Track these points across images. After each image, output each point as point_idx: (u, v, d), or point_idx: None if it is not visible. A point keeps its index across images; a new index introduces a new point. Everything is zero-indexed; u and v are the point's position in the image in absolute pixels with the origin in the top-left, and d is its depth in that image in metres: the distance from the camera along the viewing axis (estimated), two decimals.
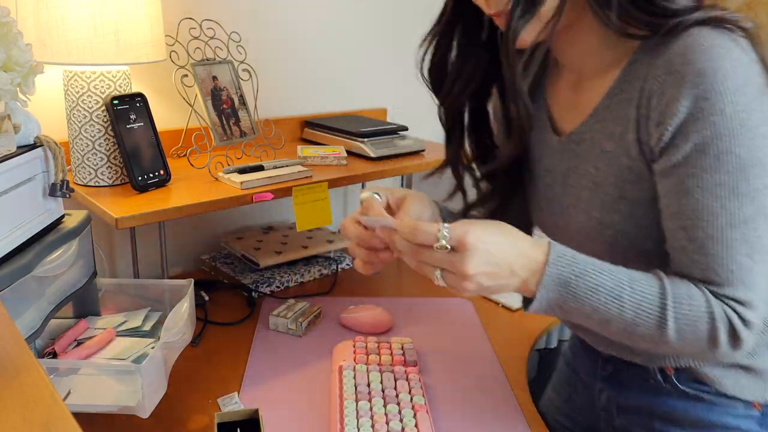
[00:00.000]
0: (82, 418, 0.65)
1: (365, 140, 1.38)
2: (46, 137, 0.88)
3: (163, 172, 1.14)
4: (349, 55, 1.63)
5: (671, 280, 0.70)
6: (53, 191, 0.89)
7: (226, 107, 1.26)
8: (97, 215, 1.03)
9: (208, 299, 1.28)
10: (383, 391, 0.93)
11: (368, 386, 0.95)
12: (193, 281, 1.01)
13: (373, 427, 0.85)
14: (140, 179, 1.10)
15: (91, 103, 1.10)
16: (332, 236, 1.52)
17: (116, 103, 1.09)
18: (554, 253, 0.69)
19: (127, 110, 1.11)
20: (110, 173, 1.14)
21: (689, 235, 0.69)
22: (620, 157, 0.75)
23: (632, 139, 0.74)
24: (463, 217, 0.94)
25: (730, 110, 0.65)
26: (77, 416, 0.45)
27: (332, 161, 1.31)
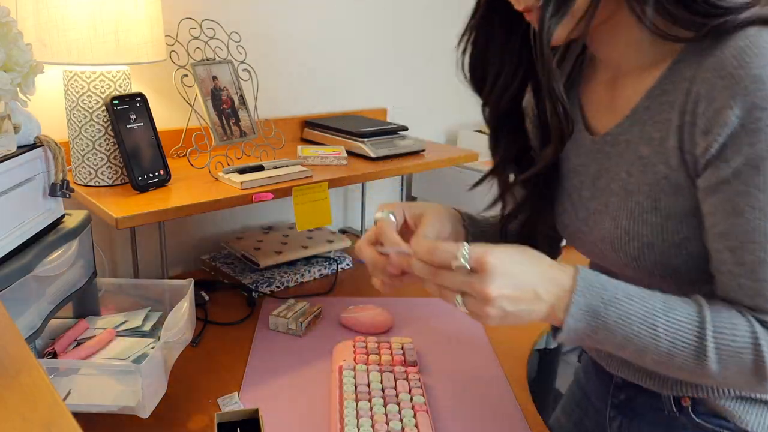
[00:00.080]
0: (82, 418, 0.65)
1: (365, 140, 1.38)
2: (46, 137, 0.88)
3: (163, 172, 1.14)
4: (349, 55, 1.63)
5: (713, 306, 0.65)
6: (53, 191, 0.89)
7: (226, 107, 1.26)
8: (97, 215, 1.03)
9: (208, 299, 1.28)
10: (383, 391, 0.94)
11: (368, 386, 0.95)
12: (193, 281, 1.01)
13: (373, 427, 0.85)
14: (140, 179, 1.10)
15: (91, 103, 1.10)
16: (332, 236, 1.52)
17: (116, 103, 1.09)
18: (582, 279, 0.65)
19: (127, 110, 1.11)
20: (110, 173, 1.14)
21: (738, 258, 0.63)
22: (657, 164, 0.69)
23: (673, 146, 0.67)
24: (500, 228, 0.89)
25: None
26: (77, 416, 0.45)
27: (332, 161, 1.31)
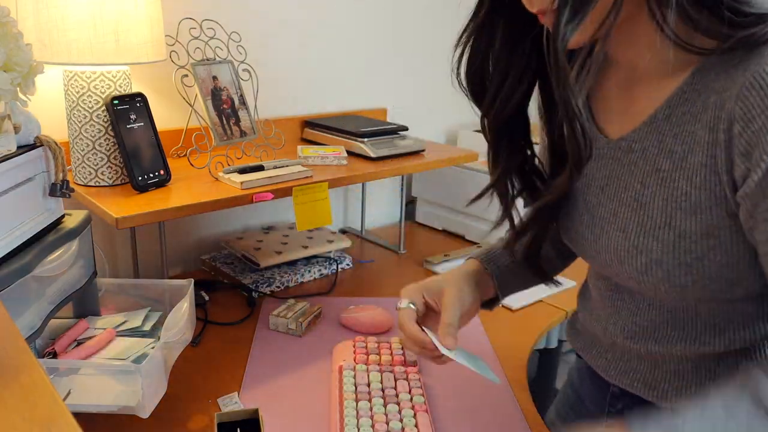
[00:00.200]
0: (82, 418, 0.65)
1: (365, 140, 1.38)
2: (46, 137, 0.88)
3: (163, 172, 1.14)
4: (349, 55, 1.63)
5: (758, 375, 0.58)
6: (53, 191, 0.89)
7: (226, 107, 1.26)
8: (97, 215, 1.03)
9: (208, 299, 1.28)
10: (383, 390, 0.94)
11: (368, 386, 0.95)
12: (193, 281, 1.01)
13: (373, 426, 0.85)
14: (140, 179, 1.10)
15: (91, 103, 1.10)
16: (332, 236, 1.52)
17: (116, 103, 1.09)
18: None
19: (127, 110, 1.11)
20: (110, 173, 1.14)
21: None
22: (678, 180, 0.64)
23: (699, 163, 0.61)
24: (508, 252, 0.85)
25: None
26: (77, 416, 0.45)
27: (332, 161, 1.31)
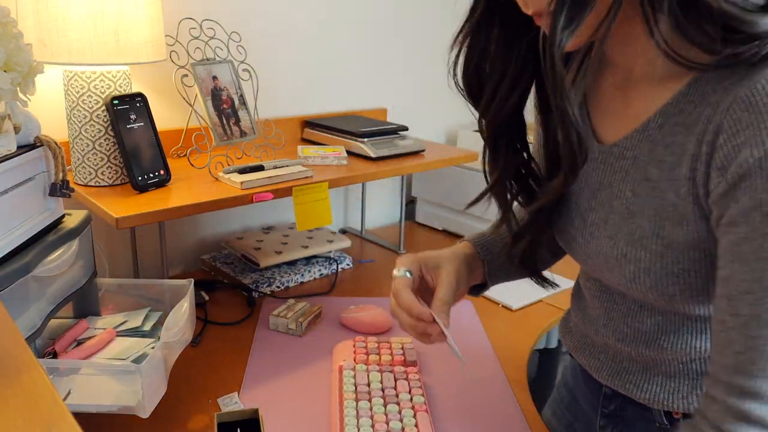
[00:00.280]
0: (82, 417, 0.65)
1: (365, 140, 1.38)
2: (46, 137, 0.88)
3: (163, 172, 1.14)
4: (349, 55, 1.63)
5: None
6: (53, 191, 0.89)
7: (226, 107, 1.26)
8: (97, 215, 1.03)
9: (208, 299, 1.28)
10: (383, 390, 0.94)
11: (368, 386, 0.95)
12: (193, 281, 1.01)
13: (373, 426, 0.85)
14: (140, 179, 1.10)
15: (91, 103, 1.10)
16: (332, 236, 1.52)
17: (116, 103, 1.09)
18: None
19: (127, 110, 1.11)
20: (110, 173, 1.14)
21: (733, 307, 0.57)
22: (666, 191, 0.63)
23: (684, 176, 0.61)
24: (507, 256, 0.85)
25: None
26: (77, 416, 0.45)
27: (332, 161, 1.31)
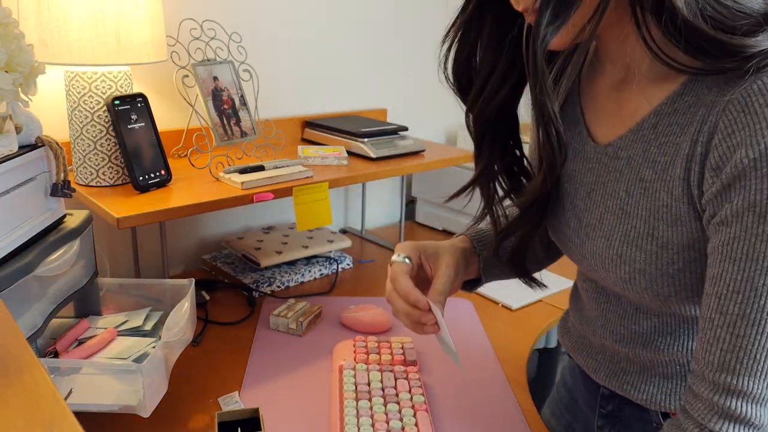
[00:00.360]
0: (83, 417, 0.65)
1: (365, 140, 1.38)
2: (47, 137, 0.88)
3: (164, 172, 1.14)
4: (349, 55, 1.64)
5: None
6: (55, 191, 0.90)
7: (226, 107, 1.26)
8: (98, 215, 1.04)
9: (208, 299, 1.28)
10: (383, 390, 0.94)
11: (368, 385, 0.95)
12: (193, 281, 1.01)
13: (373, 426, 0.85)
14: (141, 179, 1.10)
15: (92, 103, 1.10)
16: (333, 236, 1.53)
17: (117, 103, 1.10)
18: None
19: (128, 110, 1.11)
20: (111, 173, 1.14)
21: (722, 306, 0.58)
22: (659, 191, 0.64)
23: (678, 176, 0.61)
24: (495, 248, 0.84)
25: None
26: (78, 415, 0.45)
27: (333, 161, 1.31)
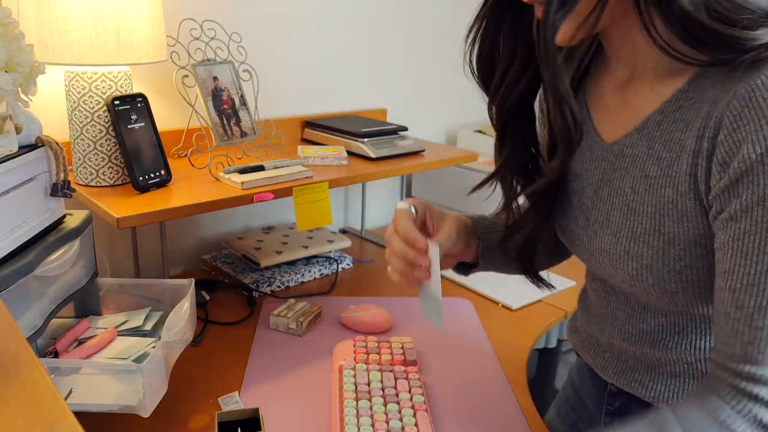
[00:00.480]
0: (83, 417, 0.65)
1: (365, 140, 1.38)
2: (47, 137, 0.88)
3: (164, 172, 1.14)
4: (349, 55, 1.64)
5: (677, 409, 0.62)
6: (54, 191, 0.90)
7: (226, 107, 1.26)
8: (98, 215, 1.04)
9: (208, 299, 1.28)
10: (383, 390, 0.94)
11: (368, 385, 0.95)
12: (193, 281, 1.01)
13: (373, 426, 0.85)
14: (141, 179, 1.10)
15: (92, 103, 1.10)
16: (332, 236, 1.53)
17: (117, 103, 1.10)
18: None
19: (128, 110, 1.11)
20: (111, 173, 1.14)
21: (737, 300, 0.58)
22: (665, 187, 0.65)
23: (684, 171, 0.63)
24: (503, 239, 0.85)
25: None
26: (78, 415, 0.45)
27: (332, 161, 1.31)
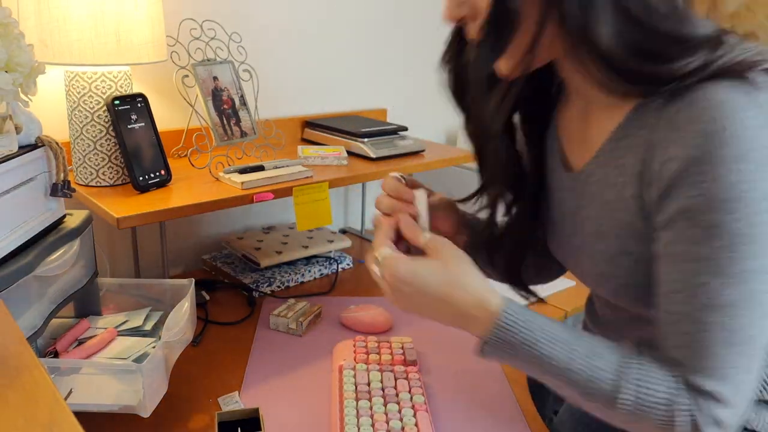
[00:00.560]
0: (83, 417, 0.65)
1: (365, 140, 1.38)
2: (47, 137, 0.88)
3: (164, 172, 1.14)
4: (349, 55, 1.64)
5: (642, 359, 0.64)
6: (54, 191, 0.90)
7: (226, 107, 1.26)
8: (98, 215, 1.04)
9: (208, 299, 1.28)
10: (383, 390, 0.94)
11: (368, 385, 0.95)
12: (193, 281, 1.01)
13: (373, 426, 0.85)
14: (141, 179, 1.10)
15: (92, 103, 1.10)
16: (332, 236, 1.53)
17: (117, 103, 1.10)
18: (505, 315, 0.66)
19: (128, 110, 1.11)
20: (111, 173, 1.14)
21: (667, 305, 0.63)
22: (621, 211, 0.69)
23: (631, 194, 0.67)
24: (489, 246, 0.88)
25: (728, 179, 0.57)
26: (78, 415, 0.45)
27: (332, 161, 1.31)
